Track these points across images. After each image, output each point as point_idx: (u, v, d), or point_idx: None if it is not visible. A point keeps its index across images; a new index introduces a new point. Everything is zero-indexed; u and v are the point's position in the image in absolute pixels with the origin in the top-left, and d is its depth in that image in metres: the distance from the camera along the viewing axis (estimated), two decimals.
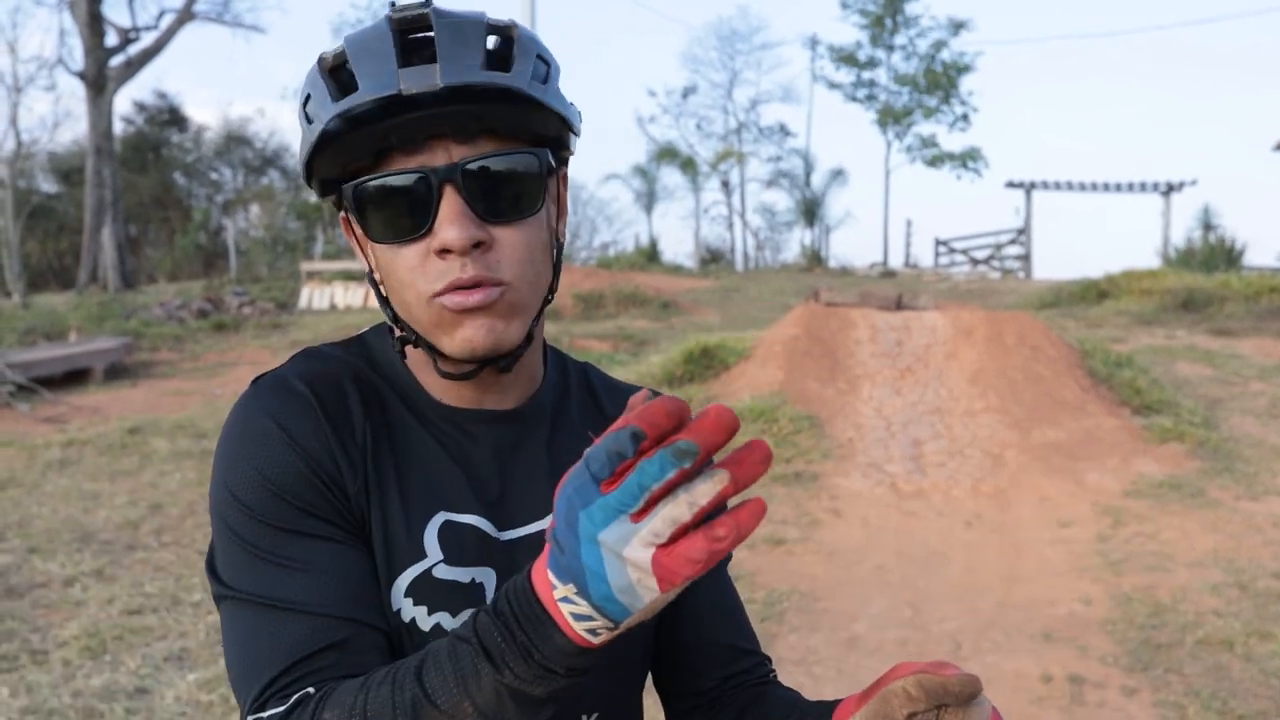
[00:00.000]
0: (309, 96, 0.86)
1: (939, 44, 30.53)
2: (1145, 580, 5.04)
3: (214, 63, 69.76)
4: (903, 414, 7.84)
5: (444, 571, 0.88)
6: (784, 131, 34.02)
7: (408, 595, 0.86)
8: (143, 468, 7.16)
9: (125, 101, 34.14)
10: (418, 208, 0.83)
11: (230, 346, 13.80)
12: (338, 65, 0.86)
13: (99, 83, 22.10)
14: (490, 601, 0.72)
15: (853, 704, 0.79)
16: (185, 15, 23.76)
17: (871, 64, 31.36)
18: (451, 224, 0.82)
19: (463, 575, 0.88)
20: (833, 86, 32.04)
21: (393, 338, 0.94)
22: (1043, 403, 7.81)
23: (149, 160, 31.12)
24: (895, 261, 28.88)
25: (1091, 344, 9.54)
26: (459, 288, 0.83)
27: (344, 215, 0.91)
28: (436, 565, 0.88)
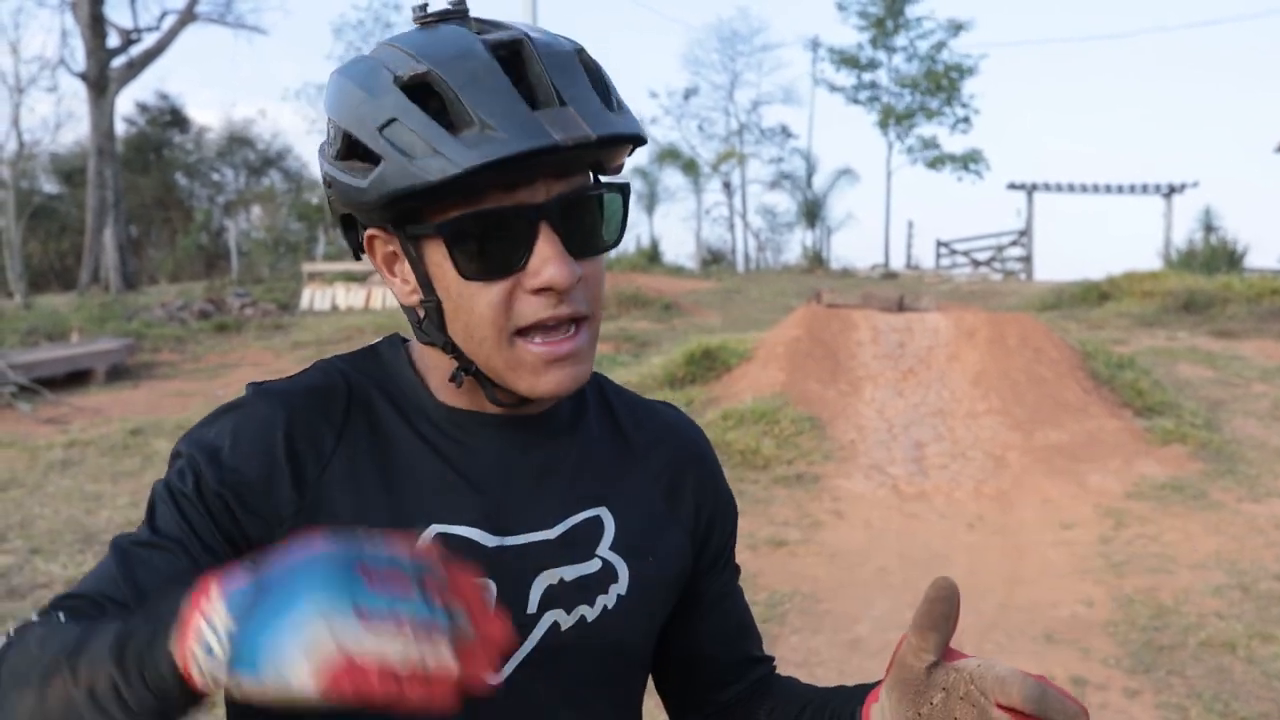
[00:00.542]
0: (394, 120, 0.78)
1: (939, 45, 30.55)
2: (1147, 582, 5.03)
3: (216, 64, 69.88)
4: (905, 415, 7.84)
5: None
6: (785, 133, 34.02)
7: None
8: (145, 469, 7.16)
9: (127, 102, 34.07)
10: (516, 245, 0.81)
11: (232, 348, 13.81)
12: (424, 87, 0.79)
13: (101, 84, 22.13)
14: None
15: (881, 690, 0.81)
16: (187, 16, 23.82)
17: (872, 65, 31.38)
18: (554, 263, 0.80)
19: None
20: (834, 90, 32.08)
21: (406, 350, 0.95)
22: (1045, 404, 7.80)
23: (151, 161, 31.17)
24: (897, 263, 28.87)
25: (1093, 346, 9.53)
26: (544, 328, 0.83)
27: (371, 234, 0.87)
28: None
